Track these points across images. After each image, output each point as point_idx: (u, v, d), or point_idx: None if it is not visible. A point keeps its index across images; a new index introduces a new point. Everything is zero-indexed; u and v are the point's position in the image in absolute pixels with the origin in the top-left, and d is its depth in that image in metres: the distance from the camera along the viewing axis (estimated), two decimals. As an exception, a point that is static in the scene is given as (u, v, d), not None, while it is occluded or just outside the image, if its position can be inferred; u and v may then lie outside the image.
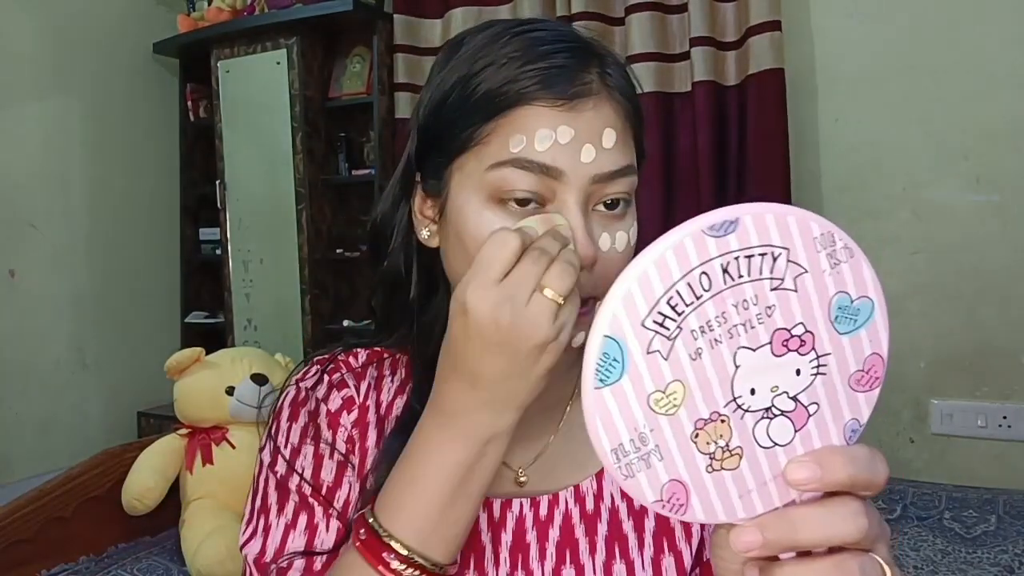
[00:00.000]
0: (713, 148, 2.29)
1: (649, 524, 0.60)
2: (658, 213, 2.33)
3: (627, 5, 2.37)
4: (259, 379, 1.92)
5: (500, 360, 0.46)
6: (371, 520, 0.50)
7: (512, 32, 0.55)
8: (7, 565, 1.67)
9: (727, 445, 0.36)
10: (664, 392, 0.34)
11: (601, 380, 0.34)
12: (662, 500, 0.36)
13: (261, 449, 0.62)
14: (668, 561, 0.59)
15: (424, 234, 0.59)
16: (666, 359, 0.34)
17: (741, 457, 0.36)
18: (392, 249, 0.62)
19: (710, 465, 0.36)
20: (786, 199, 2.21)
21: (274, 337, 2.83)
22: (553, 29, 0.56)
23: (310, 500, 0.58)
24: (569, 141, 0.52)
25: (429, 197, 0.59)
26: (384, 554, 0.48)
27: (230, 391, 1.90)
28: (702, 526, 0.60)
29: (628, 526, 0.60)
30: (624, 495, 0.60)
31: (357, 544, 0.49)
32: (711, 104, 2.28)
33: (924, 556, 1.66)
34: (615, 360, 0.34)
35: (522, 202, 0.53)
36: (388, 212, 0.62)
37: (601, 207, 0.54)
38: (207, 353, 2.00)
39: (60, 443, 2.67)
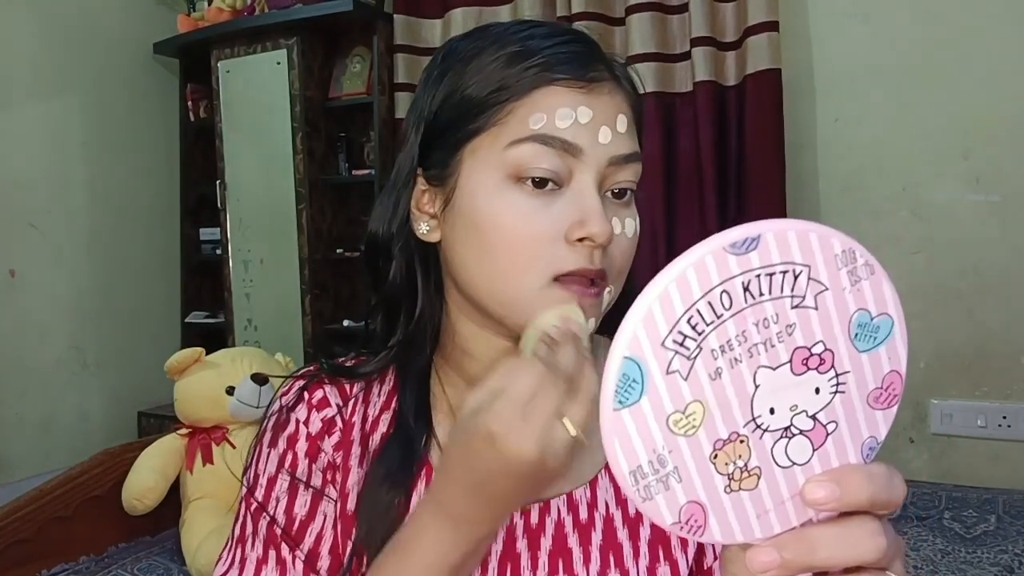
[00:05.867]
0: (714, 148, 2.29)
1: (645, 533, 0.59)
2: (659, 213, 2.33)
3: (627, 5, 2.37)
4: (259, 379, 1.92)
5: (516, 486, 0.46)
6: None
7: (525, 24, 0.57)
8: (7, 565, 1.68)
9: (746, 465, 0.35)
10: (683, 413, 0.34)
11: (620, 402, 0.33)
12: (680, 522, 0.35)
13: (244, 473, 0.62)
14: (664, 570, 0.58)
15: (423, 228, 0.59)
16: (685, 379, 0.34)
17: (759, 477, 0.35)
18: (394, 257, 0.61)
19: (728, 486, 0.35)
20: (782, 199, 2.22)
21: (274, 337, 2.83)
22: (561, 26, 0.59)
23: (278, 537, 0.58)
24: (588, 122, 0.53)
25: (432, 189, 0.58)
26: None
27: (230, 391, 1.90)
28: None
29: (623, 535, 0.58)
30: (620, 503, 0.59)
31: None
32: (712, 104, 2.28)
33: (924, 556, 1.66)
34: (634, 381, 0.33)
35: (540, 183, 0.53)
36: (387, 224, 0.61)
37: (609, 194, 0.55)
38: (207, 353, 2.00)
39: (60, 443, 2.67)
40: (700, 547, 0.60)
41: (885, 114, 2.23)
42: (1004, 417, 2.14)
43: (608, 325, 0.61)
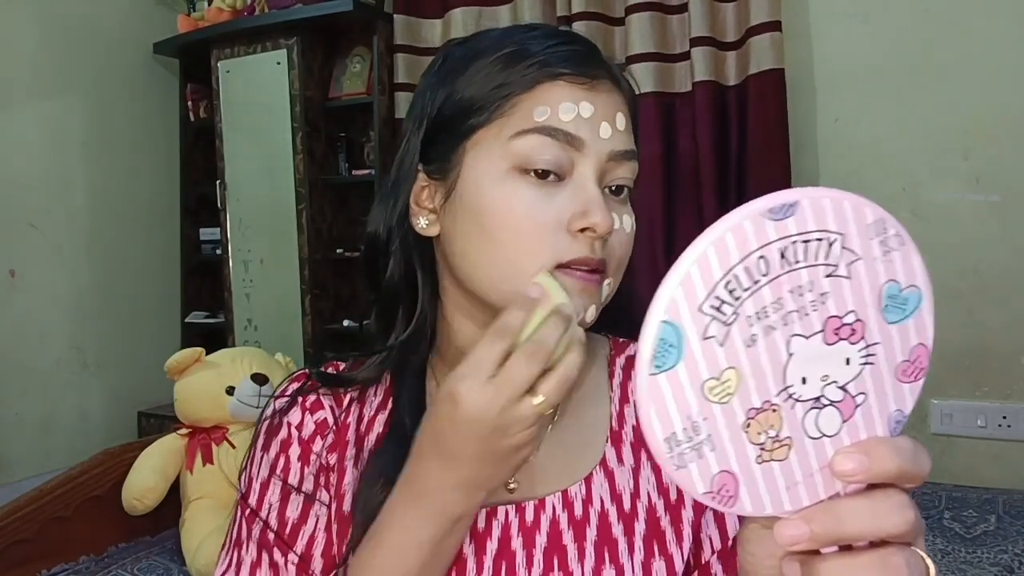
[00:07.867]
0: (713, 148, 2.29)
1: (639, 528, 0.59)
2: (658, 213, 2.33)
3: (627, 5, 2.37)
4: (259, 379, 1.92)
5: (479, 450, 0.48)
6: None
7: (522, 27, 0.59)
8: (7, 565, 1.68)
9: (777, 435, 0.35)
10: (719, 379, 0.33)
11: (657, 366, 0.33)
12: (712, 492, 0.35)
13: (239, 477, 0.62)
14: (659, 565, 0.58)
15: (422, 223, 0.60)
16: (722, 345, 0.33)
17: (790, 448, 0.35)
18: (392, 252, 0.62)
19: (760, 456, 0.35)
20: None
21: (274, 337, 2.83)
22: (558, 28, 0.60)
23: (271, 541, 0.58)
24: (590, 116, 0.55)
25: (433, 183, 0.59)
26: None
27: (230, 391, 1.90)
28: (693, 530, 0.60)
29: (618, 530, 0.58)
30: (614, 499, 0.59)
31: None
32: (711, 104, 2.28)
33: (924, 556, 1.66)
34: (671, 346, 0.33)
35: (543, 174, 0.54)
36: (386, 221, 0.62)
37: (607, 190, 0.57)
38: (207, 353, 2.00)
39: (60, 443, 2.67)
40: (696, 541, 0.60)
41: (885, 114, 2.23)
42: (1004, 417, 2.14)
43: (607, 326, 0.60)
